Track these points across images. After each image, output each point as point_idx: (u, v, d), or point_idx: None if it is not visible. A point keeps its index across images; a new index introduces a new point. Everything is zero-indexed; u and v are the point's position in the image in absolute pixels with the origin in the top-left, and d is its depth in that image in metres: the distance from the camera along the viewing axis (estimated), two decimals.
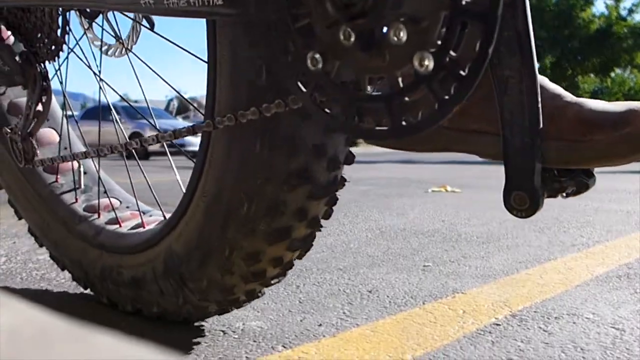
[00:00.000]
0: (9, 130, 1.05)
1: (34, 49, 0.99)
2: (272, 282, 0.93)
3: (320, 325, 1.03)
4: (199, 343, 0.93)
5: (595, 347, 0.93)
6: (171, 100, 28.36)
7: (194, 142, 10.92)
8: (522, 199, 0.68)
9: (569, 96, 0.71)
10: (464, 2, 0.43)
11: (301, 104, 0.60)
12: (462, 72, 0.45)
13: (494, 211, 2.65)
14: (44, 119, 1.05)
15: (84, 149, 1.23)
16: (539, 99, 0.66)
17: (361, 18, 0.48)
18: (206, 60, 0.79)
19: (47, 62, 1.01)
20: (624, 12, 19.02)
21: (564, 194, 0.73)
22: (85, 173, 1.21)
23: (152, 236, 0.96)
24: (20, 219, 1.26)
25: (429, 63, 0.45)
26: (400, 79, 0.48)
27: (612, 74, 20.27)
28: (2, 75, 0.99)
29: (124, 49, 1.00)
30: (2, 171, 1.22)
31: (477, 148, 0.73)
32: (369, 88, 0.51)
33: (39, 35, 0.99)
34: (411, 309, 1.13)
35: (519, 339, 0.96)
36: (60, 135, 1.22)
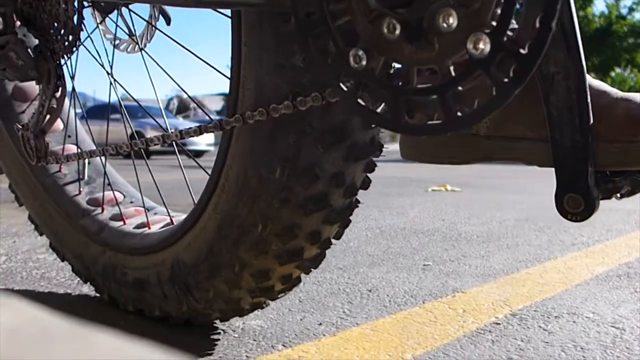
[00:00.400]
0: (20, 127, 1.03)
1: (49, 43, 0.97)
2: (279, 296, 0.93)
3: (320, 324, 1.03)
4: (199, 342, 0.93)
5: (596, 346, 0.93)
6: (171, 99, 28.35)
7: (196, 141, 10.93)
8: (576, 202, 0.65)
9: (614, 92, 0.68)
10: None
11: (339, 98, 0.56)
12: (522, 51, 0.41)
13: (494, 210, 2.65)
14: (58, 116, 1.03)
15: (92, 144, 1.22)
16: (588, 95, 0.62)
17: (406, 7, 0.45)
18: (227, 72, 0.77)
19: (62, 57, 0.99)
20: (624, 11, 19.00)
21: (619, 195, 0.69)
22: (89, 163, 1.19)
23: (160, 241, 0.95)
24: (20, 205, 1.24)
25: (485, 46, 0.42)
26: (452, 68, 0.46)
27: (612, 74, 20.25)
28: (15, 70, 0.97)
29: (136, 47, 0.99)
30: (4, 157, 1.20)
31: (521, 155, 0.70)
32: (416, 81, 0.48)
33: (55, 26, 0.96)
34: (411, 308, 1.13)
35: (519, 338, 0.96)
36: (65, 124, 1.21)
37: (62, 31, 0.95)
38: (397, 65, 0.50)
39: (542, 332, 0.99)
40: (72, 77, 1.09)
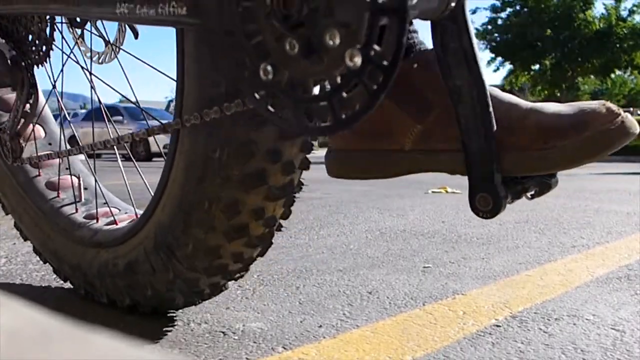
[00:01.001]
0: None
1: (24, 55, 1.07)
2: (258, 243, 0.93)
3: (320, 326, 1.03)
4: (199, 344, 0.93)
5: (596, 348, 0.93)
6: (171, 101, 28.40)
7: None
8: (486, 201, 0.72)
9: (524, 103, 0.75)
10: (380, 1, 0.49)
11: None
12: (385, 63, 0.50)
13: None
14: (32, 119, 1.15)
15: (84, 169, 1.31)
16: (490, 104, 0.71)
17: (300, 27, 0.54)
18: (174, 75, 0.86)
19: (36, 66, 1.09)
20: (624, 13, 18.98)
21: (529, 196, 0.76)
22: (85, 189, 1.26)
23: (142, 217, 0.99)
24: (25, 240, 1.30)
25: (358, 59, 0.50)
26: (338, 78, 0.54)
27: (613, 75, 20.24)
28: None
29: (113, 51, 1.06)
30: (7, 194, 1.28)
31: (444, 166, 0.77)
32: (314, 90, 0.56)
33: (29, 39, 1.07)
34: (411, 310, 1.13)
35: (519, 340, 0.96)
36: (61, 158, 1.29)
37: (36, 45, 1.06)
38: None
39: (542, 335, 0.99)
40: (54, 87, 1.18)
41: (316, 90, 0.56)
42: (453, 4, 0.68)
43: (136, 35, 0.99)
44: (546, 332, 1.00)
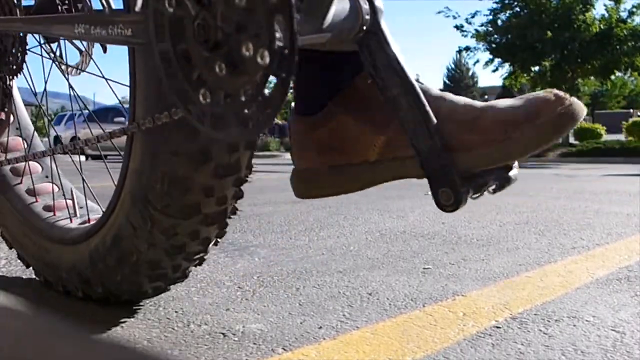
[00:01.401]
0: None
1: None
2: (225, 173, 0.95)
3: (320, 327, 1.03)
4: (199, 345, 0.93)
5: (596, 350, 0.93)
6: None
7: None
8: (447, 195, 0.75)
9: (477, 104, 0.79)
10: (272, 3, 0.55)
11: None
12: (286, 51, 0.56)
13: (493, 213, 2.65)
14: (7, 126, 1.29)
15: (78, 192, 1.36)
16: (425, 104, 0.76)
17: (219, 48, 0.60)
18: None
19: (14, 76, 1.19)
20: (624, 14, 18.96)
21: (491, 190, 0.80)
22: (81, 207, 1.30)
23: (118, 184, 1.02)
24: (28, 267, 1.32)
25: (266, 56, 0.56)
26: (258, 80, 0.59)
27: (613, 77, 20.22)
28: None
29: (89, 55, 1.13)
30: (7, 223, 1.32)
31: (411, 171, 0.80)
32: (243, 98, 0.61)
33: (4, 50, 1.17)
34: (411, 312, 1.13)
35: (519, 342, 0.96)
36: (55, 185, 1.35)
37: (10, 55, 1.16)
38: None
39: (543, 336, 0.99)
40: (35, 94, 1.27)
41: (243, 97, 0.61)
42: (366, 27, 0.74)
43: (104, 50, 1.05)
44: (546, 334, 1.00)
